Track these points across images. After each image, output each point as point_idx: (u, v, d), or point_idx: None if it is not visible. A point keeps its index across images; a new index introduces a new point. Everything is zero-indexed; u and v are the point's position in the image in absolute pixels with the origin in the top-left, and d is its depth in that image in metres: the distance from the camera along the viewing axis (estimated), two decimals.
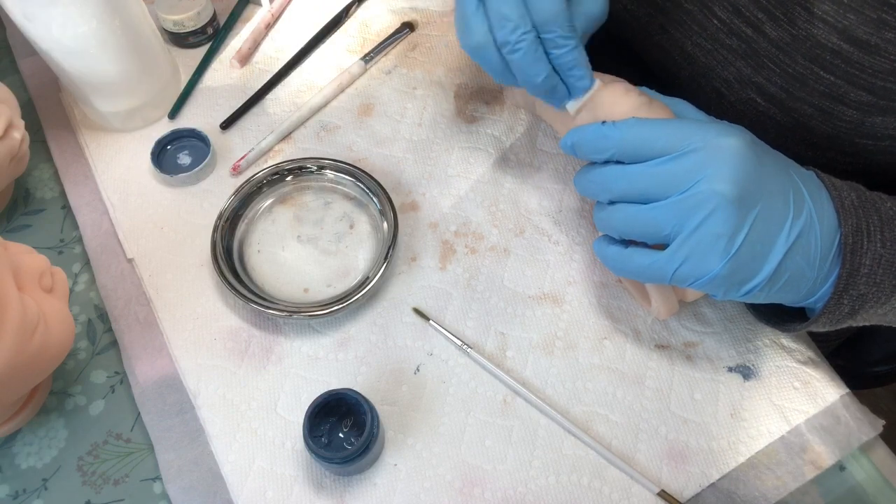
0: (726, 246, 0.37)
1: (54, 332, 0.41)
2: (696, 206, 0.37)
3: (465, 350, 0.50)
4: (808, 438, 0.47)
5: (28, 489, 0.46)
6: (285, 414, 0.48)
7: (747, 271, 0.38)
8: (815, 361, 0.50)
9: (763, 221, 0.37)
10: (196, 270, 0.53)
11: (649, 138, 0.39)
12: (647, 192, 0.39)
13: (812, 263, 0.39)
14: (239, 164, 0.57)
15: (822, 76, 0.44)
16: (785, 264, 0.38)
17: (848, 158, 0.48)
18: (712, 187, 0.36)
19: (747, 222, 0.37)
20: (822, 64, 0.44)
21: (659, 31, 0.55)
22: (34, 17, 0.48)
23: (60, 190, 0.58)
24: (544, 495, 0.45)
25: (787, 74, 0.46)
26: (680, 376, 0.49)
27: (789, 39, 0.45)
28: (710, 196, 0.36)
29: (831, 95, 0.45)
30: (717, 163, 0.37)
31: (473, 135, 0.60)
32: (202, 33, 0.64)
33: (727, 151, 0.37)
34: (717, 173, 0.36)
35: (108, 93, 0.56)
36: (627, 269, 0.42)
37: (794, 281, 0.39)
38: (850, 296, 0.39)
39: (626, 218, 0.40)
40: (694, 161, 0.37)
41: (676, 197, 0.37)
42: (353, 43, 0.65)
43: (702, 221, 0.37)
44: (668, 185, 0.38)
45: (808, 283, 0.39)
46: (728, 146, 0.37)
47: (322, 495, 0.45)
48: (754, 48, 0.48)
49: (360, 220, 0.55)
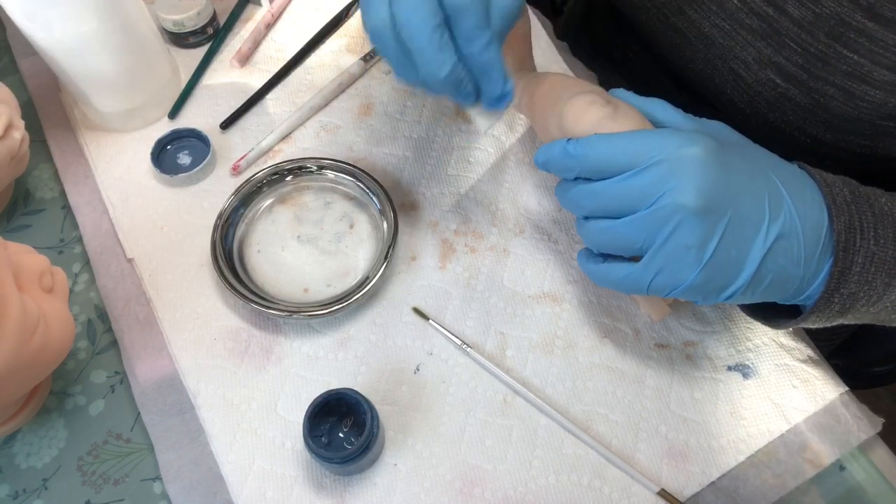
0: (697, 256, 0.37)
1: (54, 332, 0.41)
2: (662, 219, 0.36)
3: (464, 350, 0.50)
4: (807, 437, 0.47)
5: (28, 489, 0.46)
6: (285, 414, 0.48)
7: (724, 278, 0.38)
8: (814, 360, 0.50)
9: (735, 228, 0.37)
10: (196, 270, 0.53)
11: (611, 155, 0.38)
12: (616, 208, 0.39)
13: (797, 262, 0.38)
14: (239, 164, 0.57)
15: (846, 55, 0.44)
16: (765, 267, 0.37)
17: (866, 142, 0.48)
18: (675, 200, 0.36)
19: (717, 231, 0.36)
20: (845, 42, 0.43)
21: (676, 12, 0.54)
22: (34, 17, 0.49)
23: (60, 190, 0.58)
24: (544, 495, 0.45)
25: (809, 53, 0.46)
26: (680, 375, 0.49)
27: (812, 18, 0.44)
28: (675, 209, 0.36)
29: (854, 75, 0.44)
30: (680, 175, 0.36)
31: (473, 134, 0.60)
32: (202, 33, 0.64)
33: (689, 162, 0.36)
34: (680, 186, 0.36)
35: (108, 93, 0.56)
36: (606, 281, 0.42)
37: (779, 282, 0.38)
38: (841, 294, 0.39)
39: (599, 233, 0.40)
40: (656, 174, 0.37)
41: (644, 212, 0.37)
42: (353, 43, 0.65)
43: (669, 234, 0.37)
44: (634, 201, 0.37)
45: (796, 281, 0.39)
46: (690, 157, 0.36)
47: (322, 495, 0.45)
48: (775, 27, 0.47)
49: (360, 219, 0.55)
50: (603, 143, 0.38)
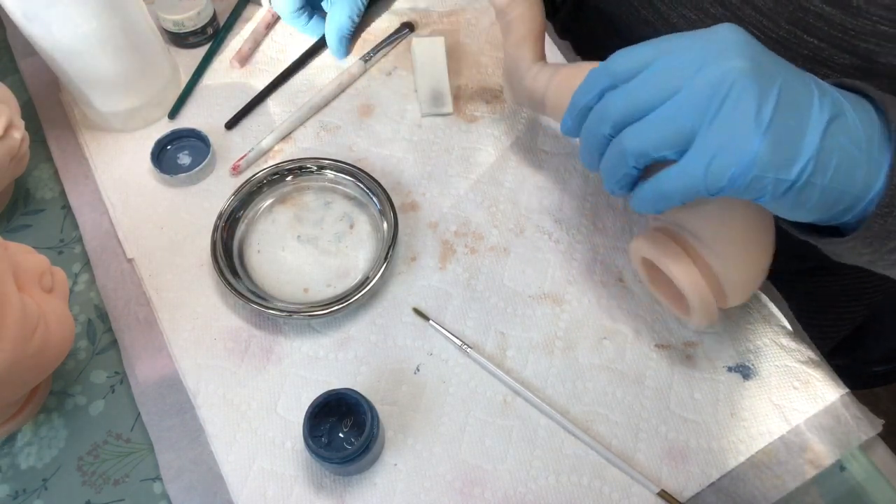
0: (756, 119, 0.32)
1: (54, 332, 0.41)
2: (712, 88, 0.33)
3: (465, 350, 0.50)
4: (807, 438, 0.47)
5: (28, 489, 0.46)
6: (285, 414, 0.48)
7: (789, 148, 0.33)
8: (814, 361, 0.50)
9: (788, 95, 0.33)
10: (196, 270, 0.53)
11: (634, 55, 0.36)
12: (652, 100, 0.35)
13: (858, 143, 0.34)
14: (239, 164, 0.57)
15: (806, 40, 0.44)
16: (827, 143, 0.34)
17: None
18: (723, 65, 0.33)
19: (772, 93, 0.33)
20: (805, 27, 0.44)
21: (645, 4, 0.55)
22: (34, 17, 0.49)
23: (60, 190, 0.58)
24: (544, 495, 0.45)
25: (772, 40, 0.46)
26: (680, 376, 0.49)
27: (772, 4, 0.45)
28: (725, 73, 0.33)
29: (816, 59, 0.45)
30: (720, 45, 0.34)
31: (473, 135, 0.60)
32: (202, 33, 0.64)
33: (725, 35, 0.34)
34: (724, 52, 0.33)
35: (108, 93, 0.56)
36: (660, 195, 0.36)
37: (845, 167, 0.34)
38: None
39: (638, 133, 0.35)
40: (694, 53, 0.34)
41: (687, 88, 0.34)
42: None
43: (723, 100, 0.33)
44: (672, 83, 0.34)
45: (861, 169, 0.35)
46: (722, 32, 0.34)
47: (322, 495, 0.45)
48: (738, 15, 0.48)
49: (360, 220, 0.55)
50: (625, 52, 0.36)
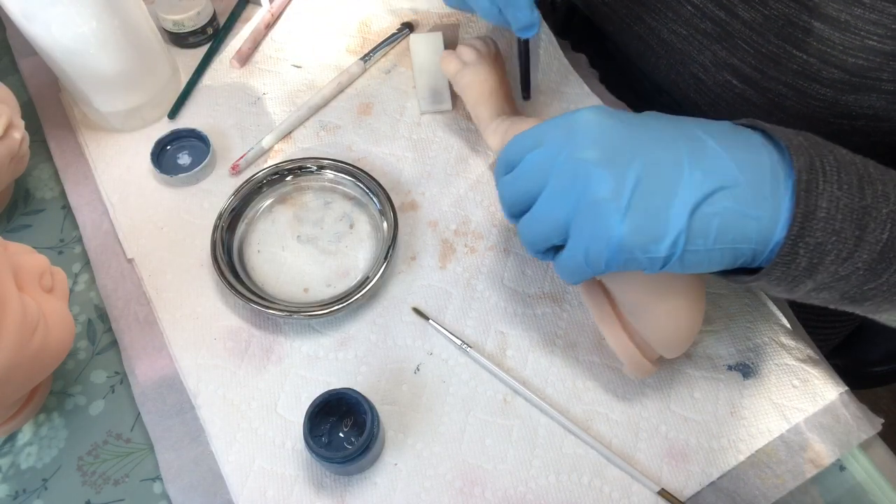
0: (615, 206, 0.34)
1: (54, 332, 0.41)
2: (569, 182, 0.36)
3: (465, 349, 0.50)
4: (807, 437, 0.47)
5: (28, 489, 0.46)
6: (285, 414, 0.48)
7: (654, 227, 0.34)
8: (814, 360, 0.50)
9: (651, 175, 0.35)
10: (196, 270, 0.53)
11: (520, 142, 0.39)
12: (530, 190, 0.38)
13: (745, 203, 0.35)
14: (238, 163, 0.57)
15: (795, 55, 0.45)
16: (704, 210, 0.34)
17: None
18: (573, 156, 0.35)
19: (628, 178, 0.34)
20: (794, 42, 0.44)
21: (637, 21, 0.56)
22: (34, 17, 0.49)
23: (60, 190, 0.58)
24: (545, 494, 0.45)
25: (761, 54, 0.47)
26: (680, 375, 0.49)
27: (761, 19, 0.45)
28: (576, 165, 0.35)
29: (805, 74, 0.45)
30: (574, 135, 0.36)
31: (473, 134, 0.60)
32: (202, 33, 0.64)
33: (581, 123, 0.36)
34: (578, 143, 0.36)
35: (108, 93, 0.56)
36: (562, 272, 0.39)
37: (733, 226, 0.35)
38: (807, 244, 0.35)
39: (528, 224, 0.39)
40: (553, 143, 0.37)
41: (551, 182, 0.37)
42: (353, 43, 0.65)
43: (581, 194, 0.35)
44: (541, 176, 0.37)
45: (752, 225, 0.35)
46: (581, 119, 0.36)
47: (322, 495, 0.45)
48: (728, 30, 0.48)
49: (360, 219, 0.55)
50: (515, 139, 0.39)
